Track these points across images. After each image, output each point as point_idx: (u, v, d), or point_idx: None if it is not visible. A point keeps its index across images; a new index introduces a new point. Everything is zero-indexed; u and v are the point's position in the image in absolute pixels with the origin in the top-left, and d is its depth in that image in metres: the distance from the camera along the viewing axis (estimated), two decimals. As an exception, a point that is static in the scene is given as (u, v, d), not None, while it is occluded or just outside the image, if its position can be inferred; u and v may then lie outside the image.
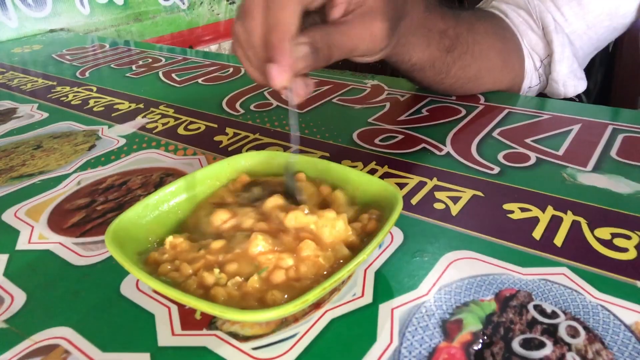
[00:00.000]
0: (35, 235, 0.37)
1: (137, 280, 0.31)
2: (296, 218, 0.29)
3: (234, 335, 0.26)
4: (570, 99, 0.60)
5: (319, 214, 0.29)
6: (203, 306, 0.23)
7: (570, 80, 0.57)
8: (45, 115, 0.62)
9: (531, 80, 0.59)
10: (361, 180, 0.33)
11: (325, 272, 0.27)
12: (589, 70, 0.62)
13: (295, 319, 0.27)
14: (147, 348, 0.26)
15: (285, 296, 0.25)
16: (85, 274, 0.32)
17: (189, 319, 0.28)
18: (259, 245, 0.27)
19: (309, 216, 0.29)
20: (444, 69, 0.51)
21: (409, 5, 0.42)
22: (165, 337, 0.27)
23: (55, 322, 0.28)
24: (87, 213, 0.39)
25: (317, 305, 0.28)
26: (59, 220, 0.38)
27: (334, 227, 0.29)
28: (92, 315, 0.29)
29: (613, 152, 0.43)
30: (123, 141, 0.52)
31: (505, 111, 0.53)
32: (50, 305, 0.30)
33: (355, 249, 0.29)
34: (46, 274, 0.33)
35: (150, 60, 0.85)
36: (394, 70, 0.53)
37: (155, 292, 0.30)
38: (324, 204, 0.32)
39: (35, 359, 0.26)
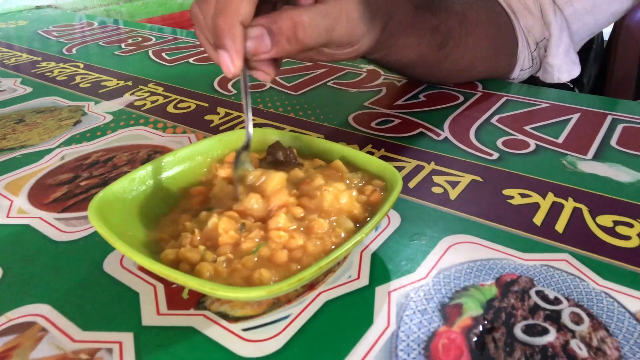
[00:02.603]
0: (15, 209, 0.35)
1: (121, 257, 0.29)
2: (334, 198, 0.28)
3: (224, 316, 0.25)
4: (566, 87, 0.59)
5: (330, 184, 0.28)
6: (192, 283, 0.22)
7: (566, 65, 0.56)
8: (29, 89, 0.59)
9: (523, 63, 0.58)
10: (360, 160, 0.32)
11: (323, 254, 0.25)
12: (583, 66, 0.61)
13: (288, 300, 0.26)
14: (130, 327, 0.25)
15: (273, 278, 0.24)
16: (67, 250, 0.31)
17: (175, 298, 0.26)
18: (280, 222, 0.26)
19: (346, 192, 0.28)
20: (436, 64, 0.50)
21: (394, 5, 0.40)
22: (150, 317, 0.25)
23: (32, 299, 0.27)
24: (70, 188, 0.37)
25: (311, 286, 0.27)
26: (40, 195, 0.37)
27: (339, 199, 0.28)
28: (72, 293, 0.27)
29: (613, 142, 0.42)
30: (110, 117, 0.50)
31: (504, 99, 0.52)
32: (27, 281, 0.28)
33: (360, 222, 0.27)
34: (25, 249, 0.31)
35: (140, 39, 0.83)
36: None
37: (140, 269, 0.28)
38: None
39: (9, 337, 0.24)
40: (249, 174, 0.29)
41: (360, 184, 0.30)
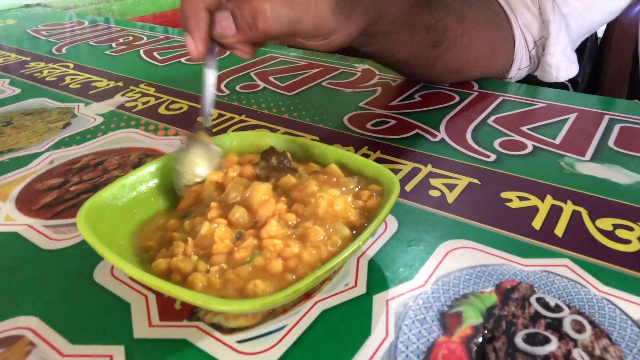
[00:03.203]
0: (1, 216, 0.34)
1: (112, 267, 0.29)
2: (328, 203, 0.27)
3: (218, 327, 0.24)
4: (563, 87, 0.59)
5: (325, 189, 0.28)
6: (184, 295, 0.21)
7: (564, 64, 0.56)
8: (18, 91, 0.58)
9: (521, 62, 0.58)
10: (356, 163, 0.32)
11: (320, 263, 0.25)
12: (577, 62, 0.61)
13: (283, 310, 0.25)
14: (121, 340, 0.24)
15: (268, 289, 0.23)
16: (56, 259, 0.30)
17: (168, 309, 0.26)
18: (272, 230, 0.25)
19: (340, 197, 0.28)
20: (430, 62, 0.50)
21: (385, 4, 0.40)
22: (142, 329, 0.25)
23: (19, 311, 0.26)
24: (60, 194, 0.36)
25: (307, 295, 0.26)
26: (28, 201, 0.36)
27: (334, 205, 0.27)
28: (62, 304, 0.26)
29: (611, 142, 0.42)
30: (100, 120, 0.49)
31: (500, 98, 0.51)
32: (15, 292, 0.27)
33: (357, 228, 0.27)
34: (12, 258, 0.30)
35: (131, 38, 0.82)
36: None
37: (132, 278, 0.28)
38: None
39: (-4, 351, 0.24)
40: (231, 192, 0.28)
41: (356, 189, 0.30)
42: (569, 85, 0.63)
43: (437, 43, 0.47)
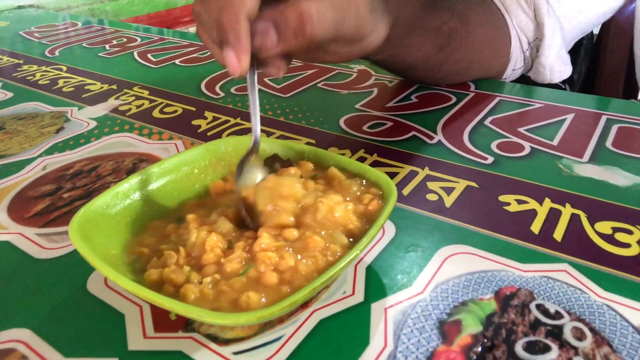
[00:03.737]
0: (-7, 225, 0.33)
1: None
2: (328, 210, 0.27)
3: (213, 338, 0.24)
4: (558, 87, 0.59)
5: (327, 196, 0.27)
6: (178, 308, 0.21)
7: (558, 65, 0.56)
8: (10, 94, 0.58)
9: (516, 63, 0.57)
10: (354, 169, 0.31)
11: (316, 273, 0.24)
12: (573, 61, 0.61)
13: (280, 320, 0.25)
14: (116, 353, 0.23)
15: (264, 299, 0.23)
16: (48, 269, 0.29)
17: (162, 319, 0.25)
18: (263, 243, 0.25)
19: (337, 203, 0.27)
20: (436, 65, 0.50)
21: (401, 3, 0.39)
22: (136, 340, 0.24)
23: (12, 323, 0.25)
24: (53, 201, 0.36)
25: (304, 304, 0.26)
26: (20, 209, 0.35)
27: (334, 212, 0.26)
28: (55, 316, 0.26)
29: (608, 143, 0.42)
30: (94, 124, 0.49)
31: (497, 99, 0.51)
32: (6, 304, 0.27)
33: (355, 236, 0.26)
34: (3, 268, 0.29)
35: (125, 39, 0.81)
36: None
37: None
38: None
39: (-13, 366, 0.23)
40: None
41: (359, 193, 0.29)
42: (563, 86, 0.63)
43: (443, 46, 0.47)
